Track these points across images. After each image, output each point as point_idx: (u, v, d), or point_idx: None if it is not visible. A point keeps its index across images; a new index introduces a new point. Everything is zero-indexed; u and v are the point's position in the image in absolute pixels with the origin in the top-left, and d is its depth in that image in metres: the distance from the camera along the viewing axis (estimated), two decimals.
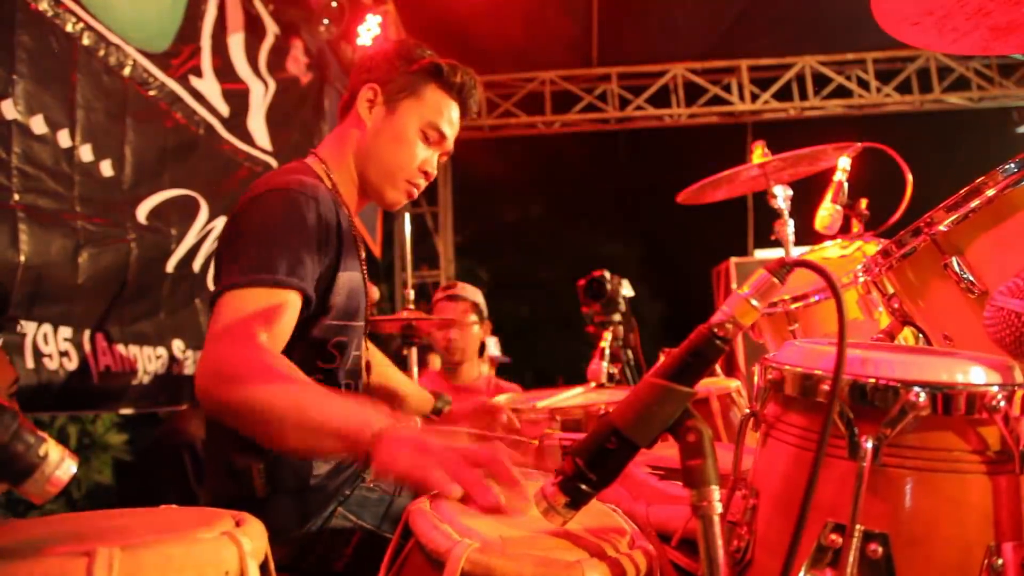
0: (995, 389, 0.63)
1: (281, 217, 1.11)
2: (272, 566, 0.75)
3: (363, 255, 1.37)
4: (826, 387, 0.66)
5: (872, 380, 0.65)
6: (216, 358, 0.97)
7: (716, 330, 0.67)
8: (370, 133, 1.33)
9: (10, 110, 1.91)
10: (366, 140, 1.34)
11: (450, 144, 1.40)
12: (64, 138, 2.12)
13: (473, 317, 3.01)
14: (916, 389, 0.63)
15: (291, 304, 1.06)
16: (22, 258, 1.93)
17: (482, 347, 3.23)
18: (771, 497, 0.73)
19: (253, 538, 0.69)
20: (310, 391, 0.95)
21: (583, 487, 0.70)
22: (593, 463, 0.70)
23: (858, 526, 0.62)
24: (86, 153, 2.22)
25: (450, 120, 1.37)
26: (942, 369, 0.67)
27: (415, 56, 1.36)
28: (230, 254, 1.09)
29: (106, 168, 2.32)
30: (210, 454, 1.26)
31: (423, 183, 1.39)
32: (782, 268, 0.68)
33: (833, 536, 0.64)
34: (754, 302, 0.68)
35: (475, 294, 3.10)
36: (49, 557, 0.58)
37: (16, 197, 1.93)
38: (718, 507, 0.64)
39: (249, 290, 1.03)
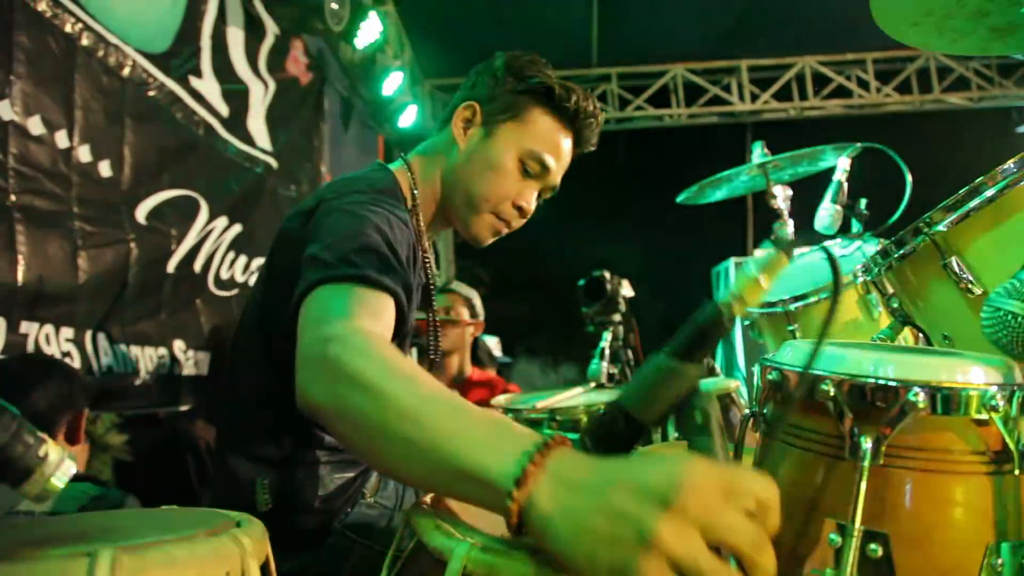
0: (995, 389, 0.63)
1: (372, 223, 0.97)
2: (273, 567, 0.75)
3: (424, 281, 1.18)
4: (825, 387, 0.66)
5: (871, 380, 0.65)
6: (322, 340, 0.72)
7: (721, 307, 0.66)
8: (463, 156, 1.20)
9: (7, 111, 1.91)
10: (458, 163, 1.20)
11: (555, 179, 1.23)
12: (62, 139, 2.12)
13: (464, 311, 3.02)
14: (916, 389, 0.63)
15: (388, 305, 0.88)
16: (21, 259, 1.93)
17: (475, 347, 3.24)
18: None
19: (254, 538, 0.69)
20: (435, 396, 0.64)
21: None
22: (601, 443, 0.69)
23: (858, 526, 0.62)
24: (84, 154, 2.22)
25: (557, 151, 1.20)
26: (942, 369, 0.67)
27: (524, 73, 1.21)
28: (313, 253, 0.92)
29: (104, 169, 2.32)
30: (217, 460, 1.23)
31: (516, 221, 1.22)
32: (789, 245, 0.67)
33: (833, 535, 0.64)
34: (760, 278, 0.66)
35: (468, 291, 3.11)
36: (50, 557, 0.59)
37: (13, 198, 1.93)
38: None
39: (349, 285, 0.85)
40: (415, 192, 1.19)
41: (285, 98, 3.61)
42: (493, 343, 4.19)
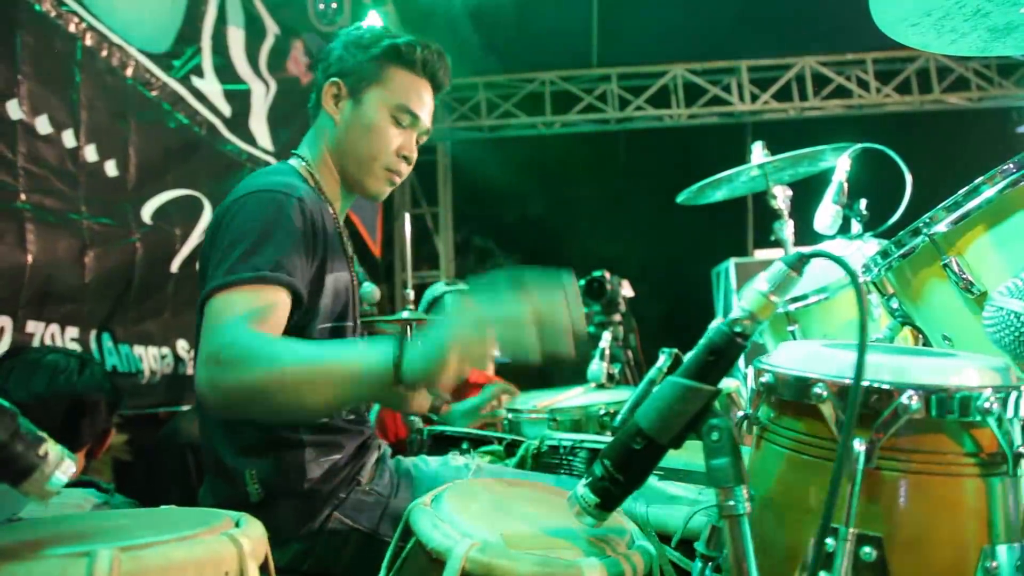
0: (988, 391, 0.63)
1: (265, 216, 1.10)
2: (272, 567, 0.75)
3: (350, 253, 1.35)
4: (818, 390, 0.66)
5: (865, 383, 0.65)
6: (214, 349, 0.94)
7: (734, 327, 0.67)
8: (341, 128, 1.31)
9: (15, 110, 1.92)
10: (338, 135, 1.32)
11: (426, 123, 1.36)
12: (69, 138, 2.12)
13: None
14: (909, 392, 0.62)
15: (280, 301, 1.04)
16: (29, 258, 1.92)
17: None
18: (764, 499, 0.73)
19: (253, 539, 0.69)
20: (315, 348, 0.94)
21: (612, 489, 0.71)
22: (620, 464, 0.70)
23: (852, 529, 0.62)
24: (91, 153, 2.22)
25: (420, 99, 1.34)
26: (935, 372, 0.66)
27: (372, 41, 1.32)
28: (215, 258, 1.07)
29: (111, 168, 2.32)
30: (206, 459, 1.25)
31: (404, 167, 1.35)
32: (799, 260, 0.68)
33: (827, 539, 0.64)
34: (771, 296, 0.67)
35: None
36: (49, 557, 0.59)
37: (23, 197, 1.93)
38: (744, 506, 0.64)
39: (235, 289, 1.01)
40: (314, 175, 1.32)
41: (286, 98, 3.61)
42: None
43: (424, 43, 1.33)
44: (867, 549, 0.62)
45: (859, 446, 0.62)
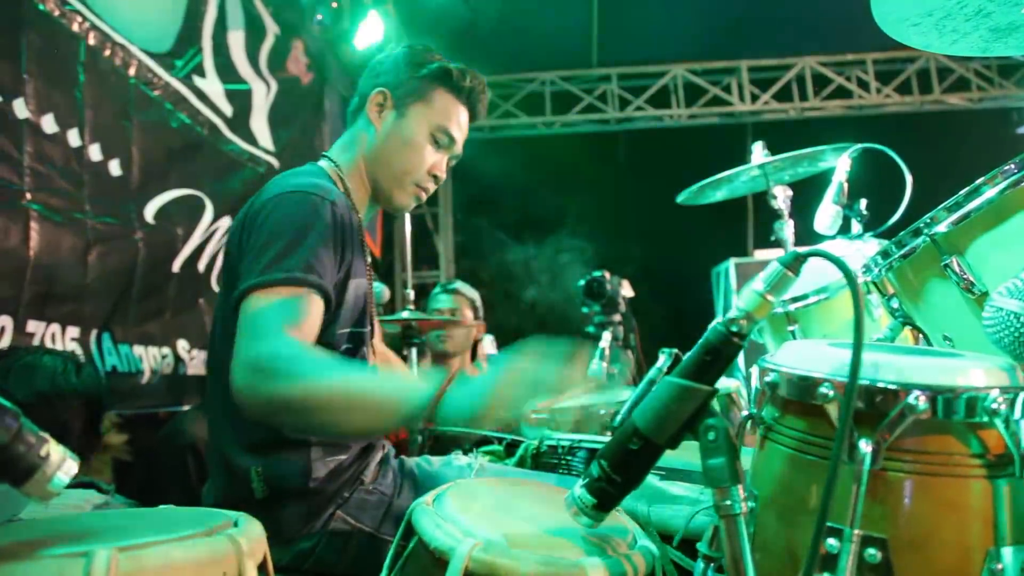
0: (995, 392, 0.63)
1: (299, 217, 1.11)
2: (270, 567, 0.75)
3: (368, 260, 1.36)
4: (823, 390, 0.66)
5: (871, 383, 0.65)
6: (255, 356, 0.96)
7: (731, 326, 0.67)
8: (380, 137, 1.34)
9: (22, 109, 1.91)
10: (376, 144, 1.34)
11: (459, 147, 1.40)
12: (74, 137, 2.12)
13: (468, 312, 3.04)
14: (915, 392, 0.62)
15: (314, 304, 1.06)
16: (32, 256, 1.92)
17: (474, 348, 3.25)
18: (768, 499, 0.73)
19: (251, 539, 0.69)
20: (358, 373, 0.98)
21: (609, 489, 0.70)
22: (617, 465, 0.70)
23: (857, 530, 0.62)
24: (95, 152, 2.22)
25: (459, 124, 1.38)
26: (942, 372, 0.66)
27: (425, 60, 1.37)
28: (250, 256, 1.09)
29: (115, 167, 2.32)
30: (211, 456, 1.26)
31: (432, 187, 1.39)
32: (795, 260, 0.68)
33: (831, 540, 0.64)
34: (768, 296, 0.67)
35: (472, 292, 3.14)
36: (47, 558, 0.58)
37: (28, 196, 1.93)
38: (740, 506, 0.64)
39: (271, 290, 1.03)
40: (344, 180, 1.33)
41: (287, 98, 3.61)
42: (488, 341, 4.19)
43: (473, 73, 1.39)
44: (872, 550, 0.62)
45: (865, 447, 0.62)
